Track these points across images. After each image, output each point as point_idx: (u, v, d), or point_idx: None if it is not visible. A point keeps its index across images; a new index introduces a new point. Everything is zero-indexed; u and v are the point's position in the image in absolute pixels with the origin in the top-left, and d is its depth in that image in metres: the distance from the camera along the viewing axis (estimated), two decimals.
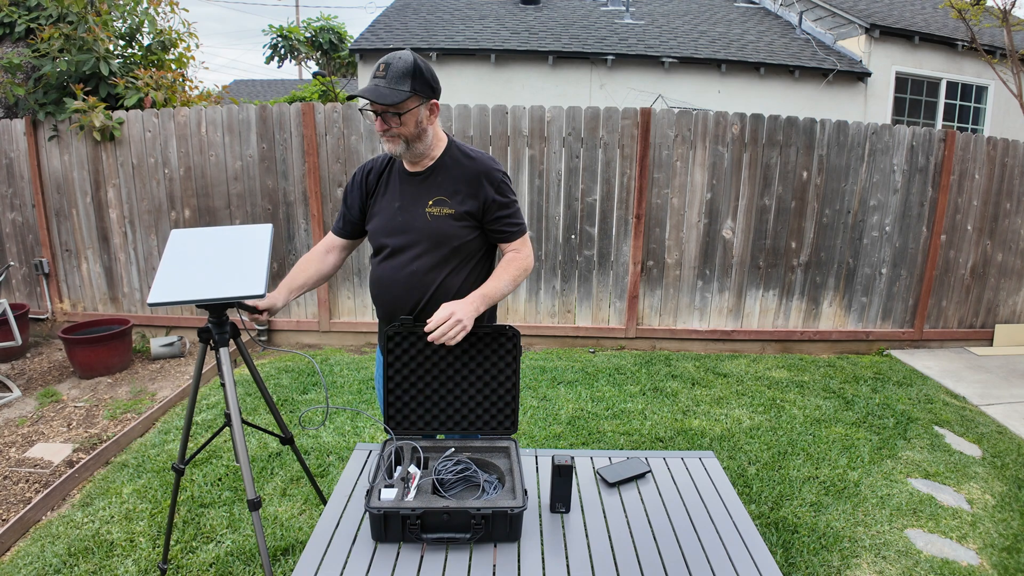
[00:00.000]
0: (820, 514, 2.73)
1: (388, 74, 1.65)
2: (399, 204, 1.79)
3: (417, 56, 1.68)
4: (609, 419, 3.63)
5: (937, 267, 4.96)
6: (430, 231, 1.75)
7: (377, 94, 1.63)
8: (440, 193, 1.76)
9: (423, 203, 1.76)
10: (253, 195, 4.74)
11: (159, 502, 2.72)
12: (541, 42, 8.41)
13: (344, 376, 4.23)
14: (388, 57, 1.67)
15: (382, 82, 1.65)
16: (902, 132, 4.74)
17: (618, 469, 1.75)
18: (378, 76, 1.65)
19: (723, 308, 4.95)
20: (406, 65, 1.64)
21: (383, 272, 1.82)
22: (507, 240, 1.83)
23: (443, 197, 1.76)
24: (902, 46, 8.64)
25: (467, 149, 1.82)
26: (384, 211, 1.82)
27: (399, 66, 1.64)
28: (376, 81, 1.65)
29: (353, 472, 1.73)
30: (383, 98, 1.63)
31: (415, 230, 1.76)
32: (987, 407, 4.04)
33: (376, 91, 1.63)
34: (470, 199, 1.76)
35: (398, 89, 1.64)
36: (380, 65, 1.66)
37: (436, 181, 1.77)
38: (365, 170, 1.89)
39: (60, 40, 4.83)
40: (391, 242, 1.79)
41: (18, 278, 5.14)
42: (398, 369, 1.68)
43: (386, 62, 1.66)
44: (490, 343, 1.68)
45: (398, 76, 1.64)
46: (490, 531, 1.41)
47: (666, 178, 4.71)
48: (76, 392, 3.98)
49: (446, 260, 1.77)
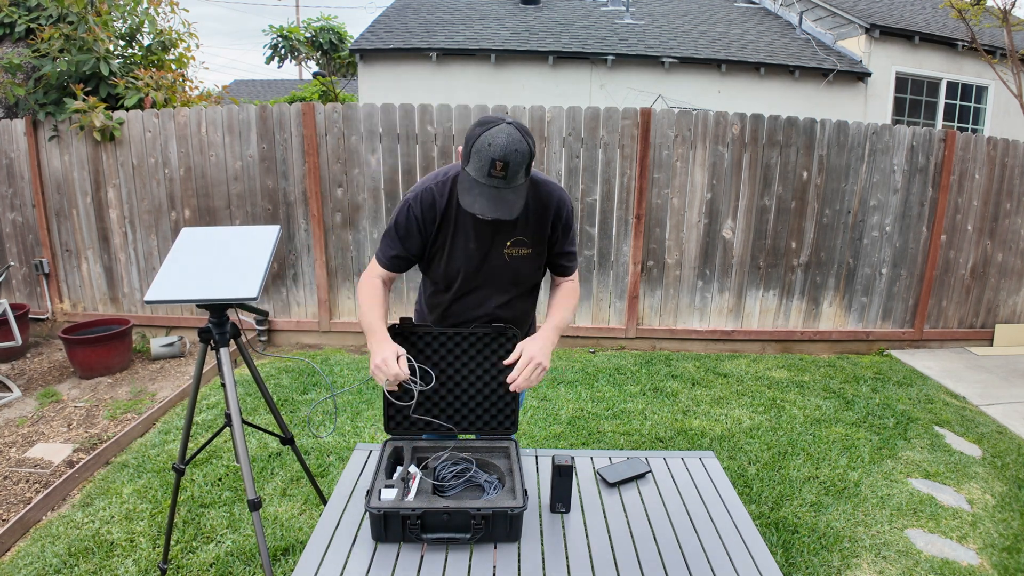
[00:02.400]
0: (820, 514, 2.73)
1: (508, 174, 1.41)
2: (475, 245, 1.64)
3: (522, 130, 1.43)
4: (609, 419, 3.63)
5: (937, 267, 4.96)
6: (509, 272, 1.68)
7: (504, 207, 1.43)
8: (518, 233, 1.64)
9: (501, 243, 1.64)
10: (253, 195, 4.74)
11: (159, 502, 2.72)
12: (541, 42, 8.41)
13: (344, 376, 4.23)
14: (502, 151, 1.38)
15: (501, 183, 1.42)
16: (902, 132, 4.74)
17: (618, 469, 1.75)
18: (495, 176, 1.41)
19: (723, 308, 4.95)
20: (523, 156, 1.42)
21: (457, 308, 1.74)
22: (566, 273, 1.77)
23: (521, 237, 1.64)
24: (902, 46, 8.64)
25: (537, 178, 1.65)
26: (458, 252, 1.65)
27: (518, 161, 1.41)
28: (493, 183, 1.41)
29: (353, 472, 1.73)
30: (511, 211, 1.44)
31: (493, 271, 1.68)
32: (987, 407, 4.04)
33: (500, 202, 1.42)
34: (542, 233, 1.66)
35: (518, 186, 1.45)
36: (496, 164, 1.39)
37: (515, 221, 1.62)
38: (425, 204, 1.62)
39: (60, 40, 4.83)
40: (466, 284, 1.70)
41: (18, 278, 5.14)
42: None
43: (503, 159, 1.39)
44: (490, 343, 1.68)
45: (516, 172, 1.42)
46: (490, 531, 1.41)
47: (666, 178, 4.71)
48: (76, 392, 3.98)
49: (522, 296, 1.76)
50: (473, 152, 1.42)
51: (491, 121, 1.42)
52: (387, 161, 4.67)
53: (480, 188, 1.43)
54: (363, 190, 4.71)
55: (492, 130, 1.40)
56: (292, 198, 4.74)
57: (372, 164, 4.67)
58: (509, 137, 1.40)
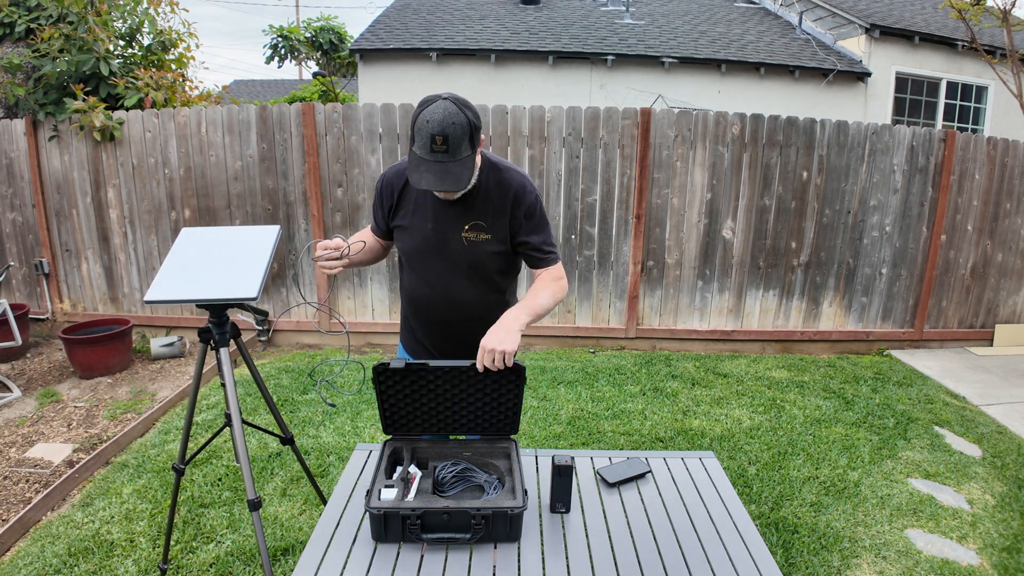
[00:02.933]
0: (820, 514, 2.73)
1: (450, 147, 1.44)
2: (432, 226, 1.68)
3: (460, 103, 1.47)
4: (609, 419, 3.63)
5: (937, 267, 4.96)
6: (467, 256, 1.68)
7: (450, 179, 1.45)
8: (476, 217, 1.66)
9: (459, 227, 1.66)
10: (253, 195, 4.75)
11: (159, 502, 2.72)
12: (541, 42, 8.41)
13: (344, 376, 4.23)
14: (439, 125, 1.42)
15: (445, 157, 1.44)
16: (902, 132, 4.74)
17: (618, 469, 1.75)
18: (437, 151, 1.43)
19: (723, 308, 4.95)
20: (463, 129, 1.44)
21: (421, 294, 1.75)
22: (540, 265, 1.75)
23: (479, 222, 1.66)
24: (902, 46, 8.64)
25: (499, 163, 1.70)
26: (416, 230, 1.70)
27: (458, 133, 1.43)
28: (437, 157, 1.44)
29: (353, 472, 1.73)
30: (458, 183, 1.47)
31: (451, 255, 1.68)
32: (987, 407, 4.04)
33: (446, 174, 1.45)
34: (502, 219, 1.67)
35: (463, 159, 1.47)
36: (435, 138, 1.42)
37: (472, 204, 1.66)
38: (384, 184, 1.74)
39: (60, 40, 4.83)
40: (425, 264, 1.72)
41: (18, 278, 5.14)
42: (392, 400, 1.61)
43: (442, 133, 1.42)
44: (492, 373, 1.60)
45: (458, 145, 1.45)
46: (490, 531, 1.41)
47: (666, 178, 4.71)
48: (76, 392, 3.98)
49: (485, 282, 1.74)
50: (415, 131, 1.46)
51: (430, 99, 1.47)
52: (387, 161, 4.67)
53: (426, 164, 1.46)
54: (363, 190, 4.71)
55: (430, 107, 1.45)
56: (292, 198, 4.74)
57: (372, 164, 4.67)
58: (446, 111, 1.44)
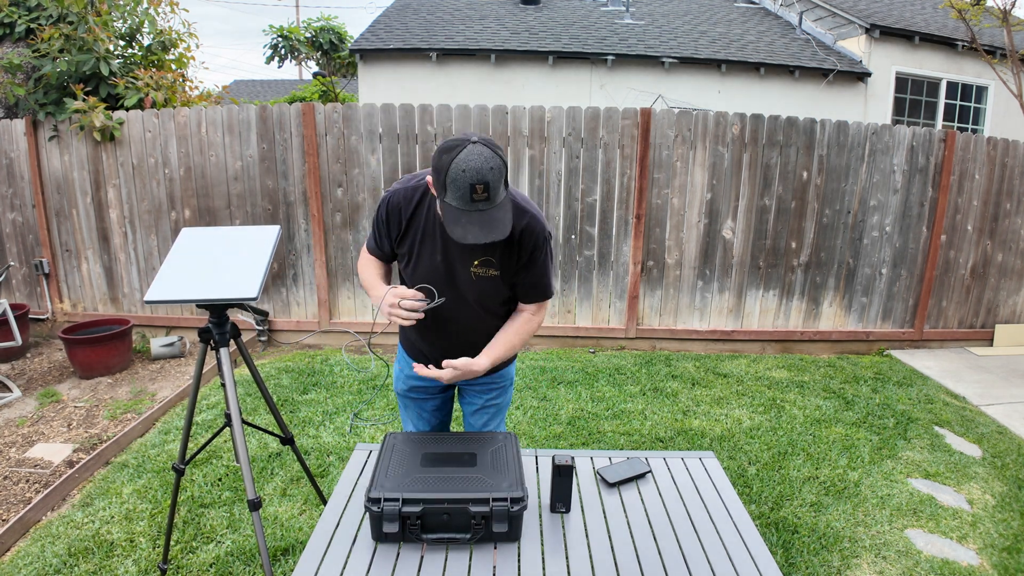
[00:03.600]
0: (820, 514, 2.73)
1: (491, 194, 1.37)
2: (441, 258, 1.63)
3: (490, 144, 1.39)
4: (609, 419, 3.63)
5: (937, 267, 4.96)
6: (474, 290, 1.65)
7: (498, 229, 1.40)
8: (486, 253, 1.60)
9: (468, 262, 1.61)
10: (253, 195, 4.74)
11: (159, 502, 2.72)
12: (541, 42, 8.41)
13: (344, 376, 4.23)
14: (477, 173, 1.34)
15: (486, 206, 1.38)
16: (902, 132, 4.74)
17: (618, 469, 1.75)
18: (478, 199, 1.37)
19: (723, 308, 4.95)
20: (500, 172, 1.38)
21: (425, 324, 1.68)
22: (529, 299, 1.72)
23: (490, 258, 1.61)
24: (902, 46, 8.64)
25: (518, 202, 1.60)
26: (424, 260, 1.65)
27: (496, 177, 1.37)
28: (479, 207, 1.38)
29: (353, 472, 1.73)
30: (505, 230, 1.41)
31: (457, 286, 1.65)
32: (987, 407, 4.04)
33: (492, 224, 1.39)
34: (512, 257, 1.63)
35: (502, 203, 1.42)
36: (476, 188, 1.35)
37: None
38: (391, 208, 1.64)
39: (60, 40, 4.83)
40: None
41: (18, 278, 5.14)
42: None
43: (482, 181, 1.35)
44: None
45: (497, 188, 1.39)
46: (490, 531, 1.41)
47: (666, 178, 4.71)
48: (76, 392, 3.98)
49: (489, 311, 1.73)
50: (449, 182, 1.36)
51: (457, 145, 1.37)
52: (387, 161, 4.67)
53: (467, 216, 1.38)
54: (363, 190, 4.71)
55: (462, 154, 1.35)
56: (292, 198, 4.74)
57: (372, 164, 4.67)
58: (481, 156, 1.35)
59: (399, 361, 1.97)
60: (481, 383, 1.90)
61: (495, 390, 1.93)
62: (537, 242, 1.62)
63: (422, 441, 1.69)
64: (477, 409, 1.94)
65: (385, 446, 1.63)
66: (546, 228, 1.65)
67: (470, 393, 1.94)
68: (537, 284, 1.69)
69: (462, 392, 1.97)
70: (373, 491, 1.42)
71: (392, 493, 1.41)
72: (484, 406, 1.93)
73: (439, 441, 1.70)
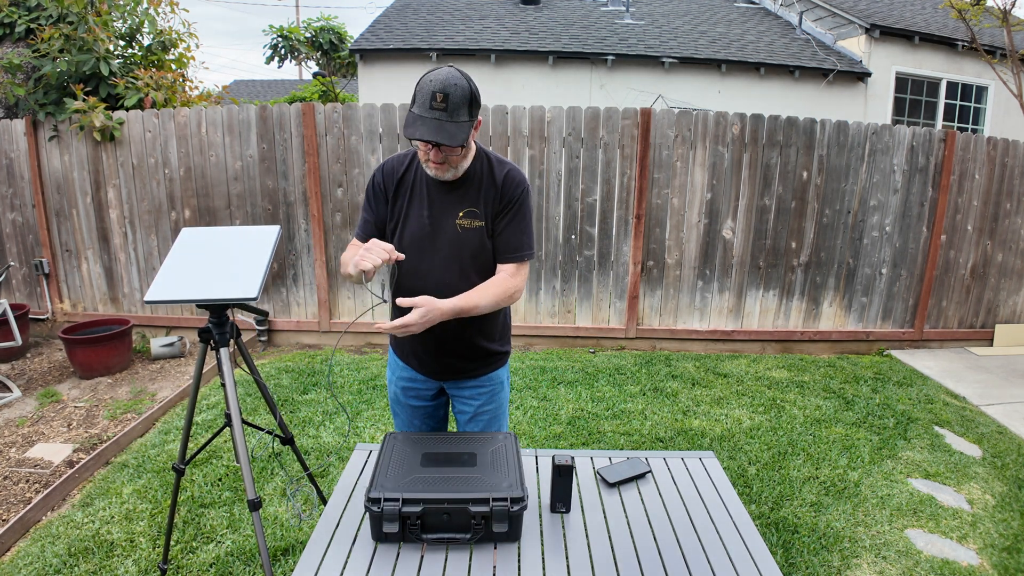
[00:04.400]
0: (820, 514, 2.73)
1: (448, 106, 1.47)
2: (428, 212, 1.68)
3: (464, 73, 1.54)
4: (609, 419, 3.63)
5: (937, 267, 4.96)
6: (459, 243, 1.68)
7: (445, 134, 1.47)
8: (470, 204, 1.67)
9: (453, 214, 1.67)
10: (253, 195, 4.75)
11: (159, 502, 2.72)
12: (541, 42, 8.41)
13: (344, 376, 4.23)
14: (442, 84, 1.47)
15: (443, 116, 1.48)
16: (902, 132, 4.74)
17: (618, 469, 1.75)
18: (436, 108, 1.47)
19: (723, 308, 4.95)
20: (464, 93, 1.49)
21: (413, 286, 1.71)
22: (507, 258, 1.70)
23: (473, 208, 1.67)
24: (902, 46, 8.64)
25: (496, 156, 1.73)
26: (412, 218, 1.70)
27: (458, 95, 1.48)
28: (435, 115, 1.48)
29: (353, 472, 1.73)
30: (452, 139, 1.48)
31: (445, 243, 1.68)
32: (987, 407, 4.04)
33: (441, 130, 1.47)
34: (494, 204, 1.68)
35: (460, 122, 1.50)
36: (436, 95, 1.46)
37: (466, 191, 1.67)
38: (385, 172, 1.73)
39: (60, 40, 4.83)
40: (420, 253, 1.70)
41: (18, 278, 5.14)
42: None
43: (443, 91, 1.46)
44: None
45: (457, 106, 1.49)
46: (490, 531, 1.41)
47: (666, 178, 4.71)
48: (76, 392, 3.98)
49: (476, 270, 1.72)
50: (416, 91, 1.51)
51: (434, 68, 1.54)
52: None
53: (423, 120, 1.49)
54: (363, 190, 4.71)
55: (433, 71, 1.52)
56: (292, 198, 4.74)
57: (372, 164, 4.67)
58: (449, 73, 1.50)
59: (391, 367, 1.95)
60: (470, 387, 1.86)
61: (484, 394, 1.87)
62: (519, 191, 1.70)
63: (422, 441, 1.68)
64: (470, 418, 1.89)
65: (385, 446, 1.63)
66: (524, 180, 1.72)
67: (460, 400, 1.89)
68: (516, 238, 1.70)
69: (453, 401, 1.93)
70: (373, 491, 1.42)
71: (392, 493, 1.41)
72: (477, 414, 1.88)
73: (439, 441, 1.70)
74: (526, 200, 1.72)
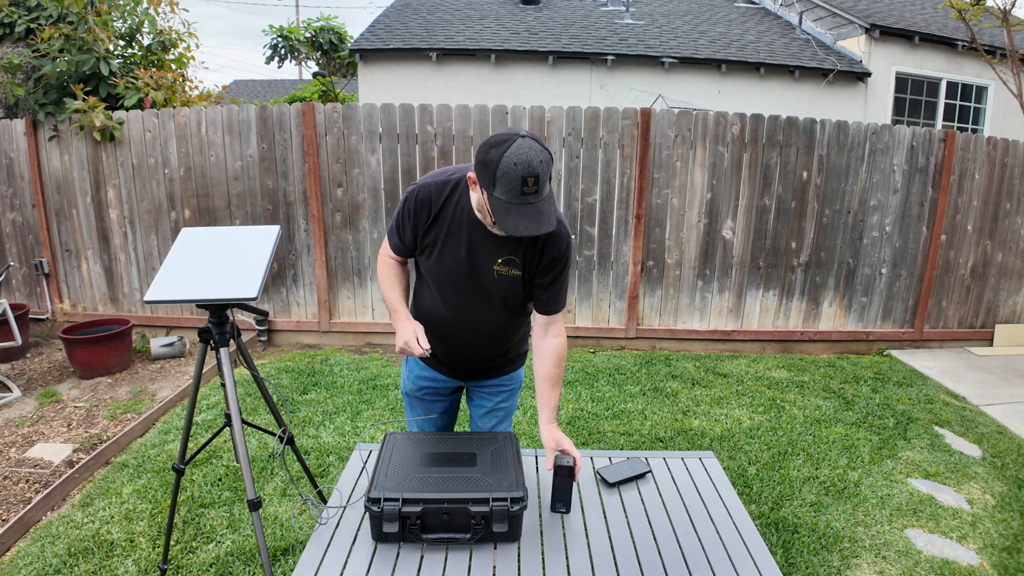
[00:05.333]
0: (820, 514, 2.73)
1: (540, 188, 1.40)
2: (465, 254, 1.63)
3: (538, 139, 1.42)
4: (609, 419, 3.63)
5: (937, 267, 4.96)
6: (495, 289, 1.66)
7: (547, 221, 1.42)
8: (510, 252, 1.62)
9: (492, 259, 1.63)
10: (253, 195, 4.74)
11: (159, 502, 2.72)
12: (541, 42, 8.41)
13: (344, 376, 4.23)
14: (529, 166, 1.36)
15: (536, 198, 1.41)
16: (902, 132, 4.74)
17: (618, 469, 1.75)
18: (528, 192, 1.39)
19: (723, 308, 4.95)
20: (548, 167, 1.41)
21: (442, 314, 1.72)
22: (549, 310, 1.70)
23: (513, 257, 1.63)
24: (902, 46, 8.64)
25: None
26: (447, 255, 1.65)
27: (545, 171, 1.40)
28: (529, 199, 1.40)
29: (353, 472, 1.73)
30: (552, 223, 1.44)
31: (479, 285, 1.66)
32: (987, 407, 4.04)
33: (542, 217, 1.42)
34: (533, 258, 1.64)
35: (549, 196, 1.44)
36: (528, 180, 1.37)
37: (507, 239, 1.60)
38: (420, 200, 1.64)
39: (60, 40, 4.83)
40: (452, 288, 1.69)
41: (18, 278, 5.13)
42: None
43: (534, 174, 1.37)
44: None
45: (545, 182, 1.42)
46: (490, 531, 1.41)
47: (666, 178, 4.71)
48: (76, 392, 3.98)
49: (509, 311, 1.73)
50: (500, 176, 1.38)
51: (507, 139, 1.38)
52: (387, 161, 4.67)
53: (517, 209, 1.40)
54: (363, 190, 4.71)
55: (512, 148, 1.37)
56: (292, 198, 4.74)
57: (372, 164, 4.67)
58: (532, 150, 1.37)
59: (407, 361, 1.96)
60: (491, 384, 1.90)
61: (504, 392, 1.92)
62: (562, 247, 1.64)
63: (422, 441, 1.69)
64: (486, 412, 1.93)
65: (385, 446, 1.63)
66: (570, 234, 1.67)
67: (479, 395, 1.93)
68: (561, 293, 1.70)
69: (471, 394, 1.96)
70: (373, 491, 1.42)
71: (392, 493, 1.41)
72: (494, 409, 1.92)
73: (439, 441, 1.70)
74: (570, 255, 1.68)
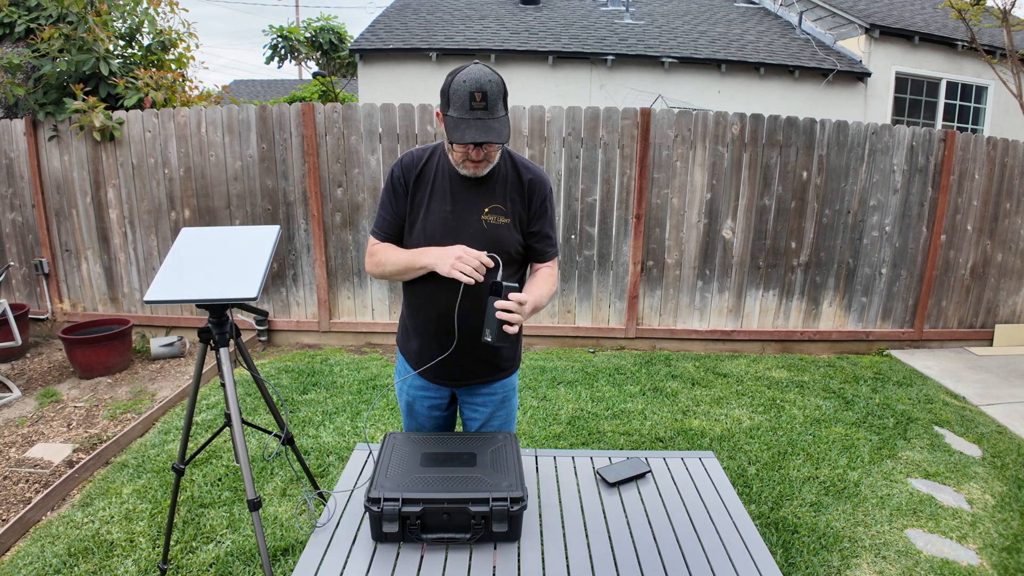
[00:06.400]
0: (820, 514, 2.73)
1: (488, 104, 1.47)
2: (451, 207, 1.65)
3: (491, 67, 1.53)
4: (609, 419, 3.63)
5: (937, 267, 4.96)
6: (486, 239, 1.64)
7: (494, 133, 1.47)
8: (496, 201, 1.66)
9: (478, 209, 1.65)
10: (253, 195, 4.74)
11: (159, 502, 2.72)
12: (541, 42, 8.41)
13: (344, 376, 4.23)
14: (477, 83, 1.46)
15: (484, 114, 1.47)
16: (902, 132, 4.74)
17: (618, 469, 1.75)
18: (477, 108, 1.47)
19: (723, 308, 4.95)
20: (499, 88, 1.49)
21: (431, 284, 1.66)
22: (543, 258, 1.76)
23: (499, 205, 1.66)
24: (902, 46, 8.64)
25: (519, 158, 1.74)
26: (434, 212, 1.66)
27: (494, 91, 1.47)
28: (477, 115, 1.47)
29: (353, 472, 1.73)
30: (500, 135, 1.48)
31: (468, 235, 1.63)
32: (987, 407, 4.04)
33: (489, 129, 1.47)
34: (521, 208, 1.68)
35: (501, 117, 1.50)
36: (475, 95, 1.45)
37: (492, 188, 1.65)
38: (404, 166, 1.69)
39: (60, 40, 4.83)
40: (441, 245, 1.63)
41: (18, 278, 5.13)
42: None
43: (481, 90, 1.46)
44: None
45: (495, 102, 1.48)
46: (490, 531, 1.41)
47: (666, 178, 4.71)
48: (76, 392, 3.98)
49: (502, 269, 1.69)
50: (451, 94, 1.48)
51: (460, 67, 1.51)
52: (387, 161, 4.67)
53: (466, 122, 1.48)
54: (363, 190, 4.71)
55: (463, 71, 1.49)
56: (292, 198, 4.74)
57: (372, 164, 4.68)
58: (480, 70, 1.48)
59: (399, 372, 1.92)
60: (482, 393, 1.84)
61: (495, 401, 1.86)
62: (545, 191, 1.73)
63: (422, 441, 1.69)
64: (480, 426, 1.87)
65: (385, 446, 1.63)
66: (547, 178, 1.75)
67: (470, 407, 1.87)
68: (550, 236, 1.76)
69: (463, 408, 1.90)
70: (373, 491, 1.42)
71: (392, 493, 1.41)
72: (487, 421, 1.86)
73: (439, 441, 1.70)
74: (552, 198, 1.77)
